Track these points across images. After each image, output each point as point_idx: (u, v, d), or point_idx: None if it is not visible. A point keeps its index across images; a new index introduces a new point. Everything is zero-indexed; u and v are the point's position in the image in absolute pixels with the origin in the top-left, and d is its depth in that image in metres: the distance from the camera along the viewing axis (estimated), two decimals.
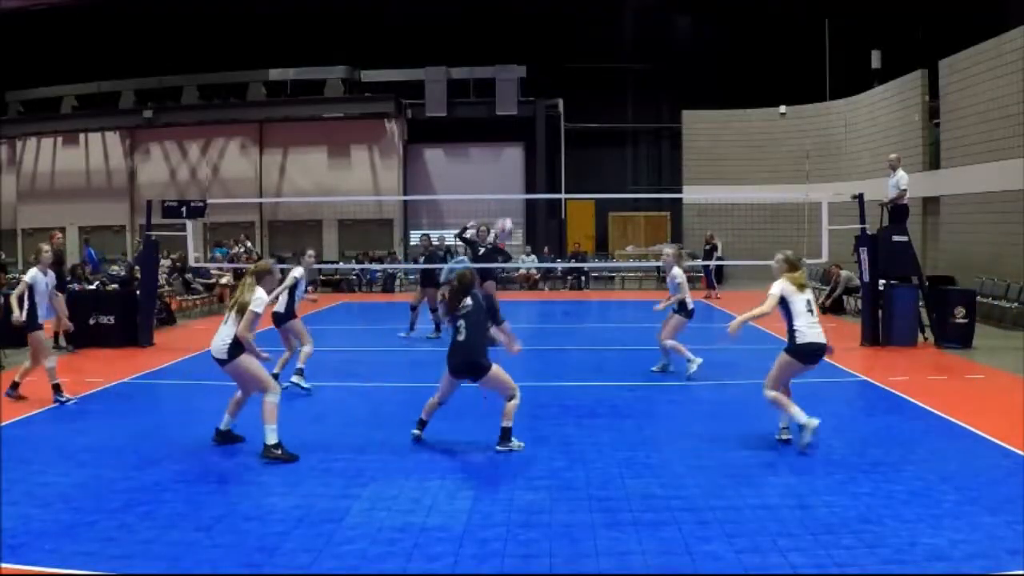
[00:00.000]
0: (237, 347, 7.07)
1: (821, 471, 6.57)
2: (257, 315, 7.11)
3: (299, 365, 9.93)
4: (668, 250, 11.49)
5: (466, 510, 5.76)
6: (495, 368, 7.22)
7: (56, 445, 7.56)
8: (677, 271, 10.70)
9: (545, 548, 5.09)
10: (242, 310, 7.05)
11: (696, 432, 7.93)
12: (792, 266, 7.35)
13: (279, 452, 6.89)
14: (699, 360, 10.68)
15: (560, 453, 7.19)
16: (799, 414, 7.16)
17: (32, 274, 9.58)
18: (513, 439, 7.23)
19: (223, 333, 7.16)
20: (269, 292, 7.70)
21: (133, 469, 6.75)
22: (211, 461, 6.99)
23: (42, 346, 9.62)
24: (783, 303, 7.24)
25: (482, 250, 14.12)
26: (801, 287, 7.27)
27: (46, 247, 9.87)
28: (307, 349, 10.02)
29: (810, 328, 7.19)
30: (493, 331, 7.56)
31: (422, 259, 15.51)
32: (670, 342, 10.81)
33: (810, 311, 7.27)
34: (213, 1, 28.03)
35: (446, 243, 17.13)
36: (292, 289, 9.97)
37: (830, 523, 5.44)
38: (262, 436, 6.98)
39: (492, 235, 14.38)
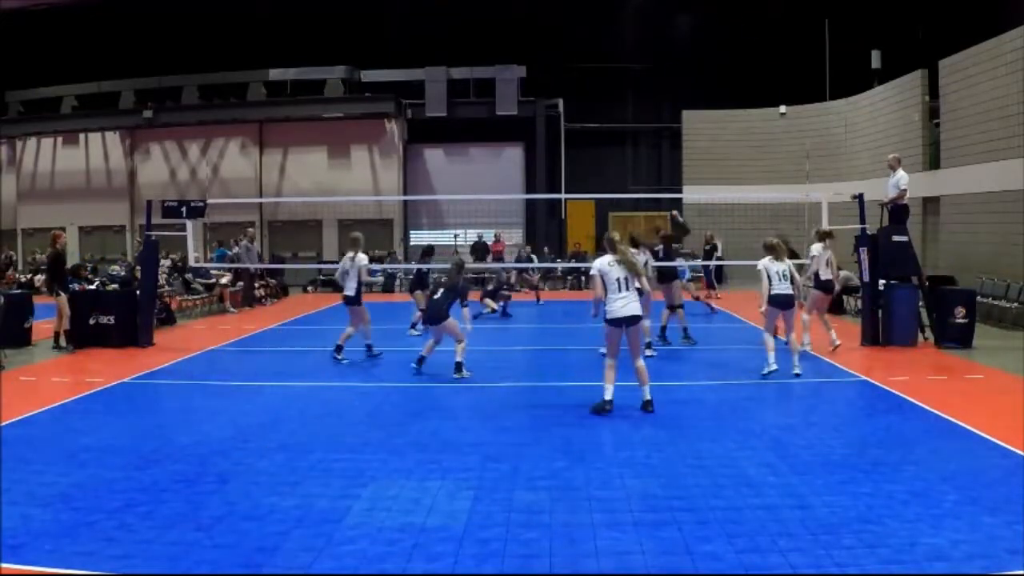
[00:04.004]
0: None
1: (821, 471, 6.56)
2: None
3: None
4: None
5: (466, 510, 5.76)
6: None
7: (56, 445, 7.56)
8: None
9: (545, 548, 5.08)
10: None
11: (696, 432, 7.93)
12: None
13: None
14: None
15: (560, 453, 7.18)
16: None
17: None
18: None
19: (633, 298, 8.59)
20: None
21: (133, 469, 6.75)
22: (211, 461, 6.99)
23: None
24: None
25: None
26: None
27: None
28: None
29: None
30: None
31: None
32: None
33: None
34: (213, 1, 28.03)
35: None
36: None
37: (830, 523, 5.44)
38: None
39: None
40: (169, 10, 28.05)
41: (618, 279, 8.57)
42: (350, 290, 12.09)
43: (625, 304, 8.55)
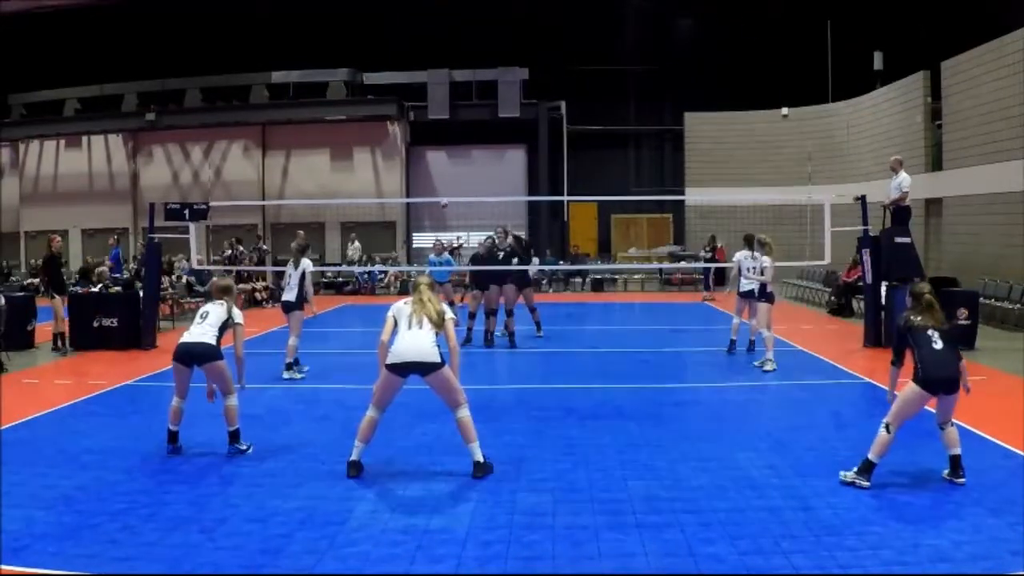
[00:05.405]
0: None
1: (824, 472, 6.56)
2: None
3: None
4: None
5: (469, 512, 5.76)
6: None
7: (59, 447, 7.57)
8: None
9: (548, 550, 5.09)
10: (440, 320, 6.61)
11: (699, 433, 7.93)
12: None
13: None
14: None
15: (563, 455, 7.19)
16: None
17: None
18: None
19: (428, 339, 6.47)
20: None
21: (136, 471, 6.77)
22: (213, 463, 7.00)
23: None
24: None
25: (501, 254, 13.67)
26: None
27: None
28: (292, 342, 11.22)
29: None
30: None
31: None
32: None
33: None
34: (216, 4, 28.08)
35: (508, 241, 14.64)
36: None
37: (833, 524, 5.44)
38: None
39: (510, 238, 14.03)
40: (172, 13, 28.09)
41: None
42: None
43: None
